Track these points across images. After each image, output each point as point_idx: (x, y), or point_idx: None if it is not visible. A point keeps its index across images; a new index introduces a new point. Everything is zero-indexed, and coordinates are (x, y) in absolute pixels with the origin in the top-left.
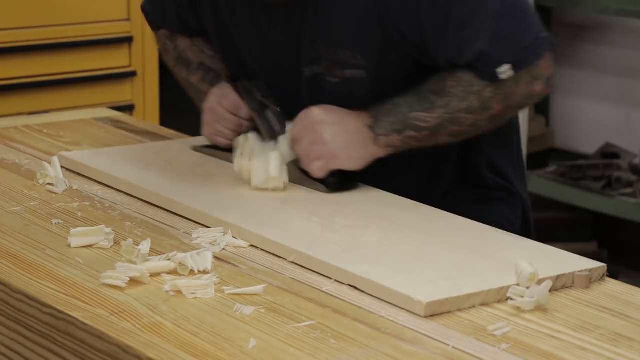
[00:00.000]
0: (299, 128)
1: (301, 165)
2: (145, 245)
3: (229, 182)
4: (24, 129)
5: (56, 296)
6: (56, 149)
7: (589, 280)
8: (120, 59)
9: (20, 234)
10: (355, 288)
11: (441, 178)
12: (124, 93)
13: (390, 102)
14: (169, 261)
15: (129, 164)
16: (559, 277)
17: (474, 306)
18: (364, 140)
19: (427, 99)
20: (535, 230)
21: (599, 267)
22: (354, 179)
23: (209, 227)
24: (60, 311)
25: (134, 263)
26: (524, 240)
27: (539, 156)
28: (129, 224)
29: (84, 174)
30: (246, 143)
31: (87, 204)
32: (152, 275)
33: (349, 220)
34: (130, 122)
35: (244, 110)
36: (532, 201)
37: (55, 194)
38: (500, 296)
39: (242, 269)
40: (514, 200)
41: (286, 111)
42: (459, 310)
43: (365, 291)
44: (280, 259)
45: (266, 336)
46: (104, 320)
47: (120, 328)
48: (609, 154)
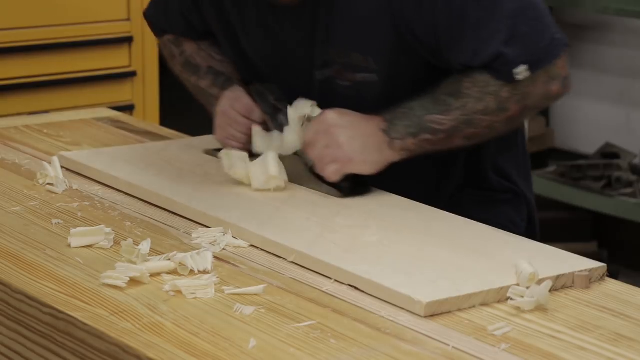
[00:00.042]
0: (313, 132)
1: (315, 170)
2: (145, 245)
3: (229, 182)
4: (24, 129)
5: (56, 296)
6: (56, 149)
7: (589, 280)
8: (120, 59)
9: (20, 234)
10: (355, 288)
11: (449, 181)
12: (124, 93)
13: (404, 106)
14: (169, 261)
15: (129, 164)
16: (559, 277)
17: (474, 306)
18: (378, 144)
19: (443, 101)
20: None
21: (599, 267)
22: (366, 184)
23: (209, 227)
24: (60, 311)
25: (134, 263)
26: (524, 240)
27: (539, 156)
28: (129, 224)
29: (84, 174)
30: (229, 157)
31: (87, 204)
32: (152, 275)
33: (349, 220)
34: (130, 122)
35: (257, 114)
36: None
37: (55, 194)
38: (500, 296)
39: (242, 269)
40: (519, 202)
41: None
42: (459, 310)
43: (365, 291)
44: (280, 259)
45: (266, 336)
46: (104, 320)
47: (120, 328)
48: (609, 154)
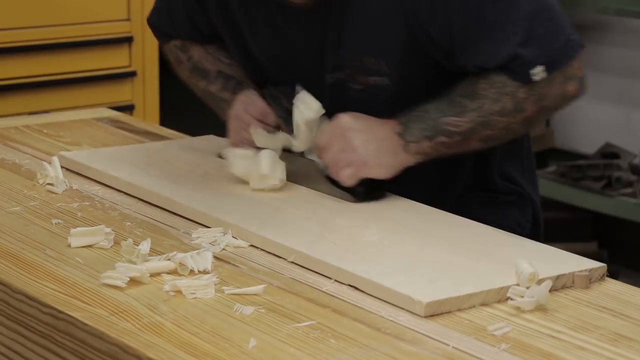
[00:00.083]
0: (327, 135)
1: (329, 174)
2: (145, 245)
3: (229, 182)
4: (24, 129)
5: (56, 296)
6: (56, 149)
7: (589, 280)
8: (120, 59)
9: (20, 234)
10: (355, 288)
11: (455, 184)
12: (124, 93)
13: (419, 109)
14: (169, 261)
15: (129, 164)
16: (559, 277)
17: (474, 306)
18: (393, 148)
19: (459, 103)
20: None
21: (599, 267)
22: (381, 189)
23: (209, 227)
24: (60, 311)
25: (134, 263)
26: (524, 240)
27: (539, 156)
28: (129, 224)
29: (84, 174)
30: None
31: (87, 204)
32: (152, 275)
33: (349, 220)
34: (130, 122)
35: (272, 118)
36: None
37: (55, 194)
38: (500, 296)
39: (242, 269)
40: (524, 204)
41: None
42: (459, 310)
43: (365, 291)
44: (280, 259)
45: (266, 336)
46: (104, 320)
47: (120, 328)
48: (609, 154)
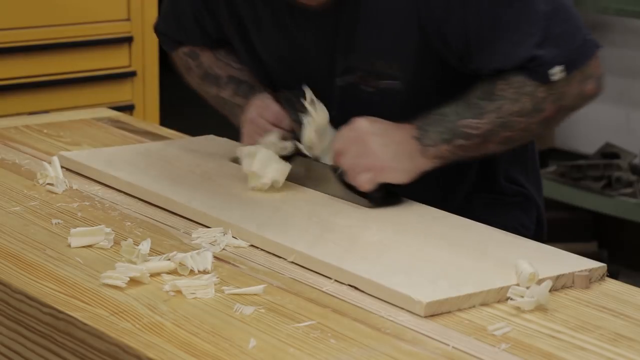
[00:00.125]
0: (344, 140)
1: (346, 179)
2: (145, 245)
3: (228, 182)
4: (24, 129)
5: (56, 296)
6: (56, 149)
7: (589, 280)
8: (120, 59)
9: (20, 234)
10: (355, 288)
11: (461, 185)
12: (124, 93)
13: (436, 112)
14: (169, 261)
15: (129, 164)
16: (559, 277)
17: (474, 306)
18: (411, 152)
19: (477, 105)
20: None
21: (599, 267)
22: (397, 195)
23: (209, 227)
24: (60, 311)
25: (134, 263)
26: (524, 240)
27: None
28: (129, 224)
29: (84, 174)
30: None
31: (87, 204)
32: (152, 275)
33: (349, 220)
34: (130, 122)
35: (287, 122)
36: None
37: (55, 194)
38: (500, 296)
39: (242, 269)
40: (529, 205)
41: None
42: (459, 310)
43: (365, 291)
44: (280, 259)
45: (266, 336)
46: (104, 320)
47: (120, 328)
48: (609, 154)
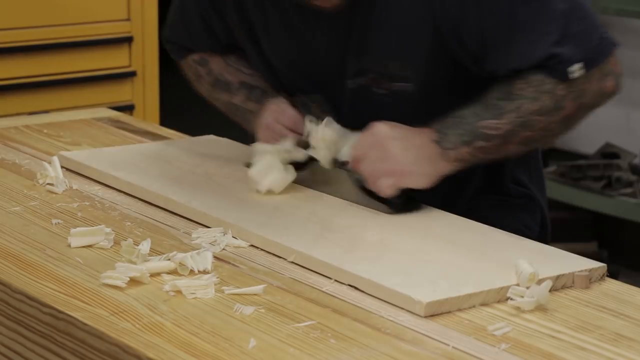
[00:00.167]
0: (364, 145)
1: (364, 184)
2: (145, 245)
3: (228, 182)
4: (24, 129)
5: (56, 296)
6: (56, 149)
7: (589, 280)
8: (120, 59)
9: (20, 234)
10: (355, 288)
11: (468, 187)
12: (124, 93)
13: (454, 115)
14: (169, 261)
15: (129, 164)
16: (559, 277)
17: (474, 306)
18: (430, 156)
19: (495, 105)
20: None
21: (599, 267)
22: (417, 201)
23: (209, 227)
24: (60, 311)
25: (134, 263)
26: (524, 240)
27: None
28: (129, 224)
29: (84, 174)
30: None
31: (87, 204)
32: (152, 275)
33: (349, 220)
34: (130, 122)
35: (303, 126)
36: None
37: (55, 194)
38: (500, 296)
39: (242, 269)
40: (534, 207)
41: None
42: (459, 310)
43: (365, 291)
44: (280, 259)
45: (266, 336)
46: (104, 320)
47: (120, 328)
48: (609, 154)
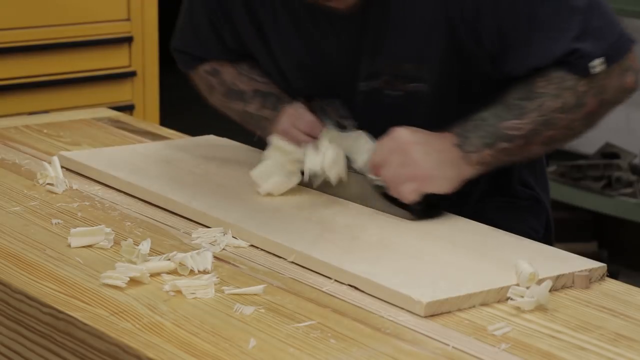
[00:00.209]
0: (384, 150)
1: (385, 190)
2: (145, 245)
3: (229, 182)
4: (24, 129)
5: (56, 296)
6: (56, 149)
7: (589, 280)
8: (120, 59)
9: (20, 234)
10: (355, 288)
11: (475, 189)
12: (124, 93)
13: (475, 118)
14: (169, 261)
15: (129, 163)
16: (559, 277)
17: (474, 306)
18: (453, 160)
19: (516, 105)
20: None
21: (599, 267)
22: (439, 207)
23: (209, 227)
24: (60, 311)
25: (134, 263)
26: (524, 240)
27: None
28: (129, 224)
29: (84, 174)
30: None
31: (87, 204)
32: (152, 275)
33: (349, 220)
34: (130, 122)
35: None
36: None
37: (55, 194)
38: (500, 296)
39: (242, 269)
40: (539, 209)
41: None
42: (459, 310)
43: (365, 291)
44: (280, 259)
45: (266, 336)
46: (104, 320)
47: (120, 328)
48: (609, 154)
